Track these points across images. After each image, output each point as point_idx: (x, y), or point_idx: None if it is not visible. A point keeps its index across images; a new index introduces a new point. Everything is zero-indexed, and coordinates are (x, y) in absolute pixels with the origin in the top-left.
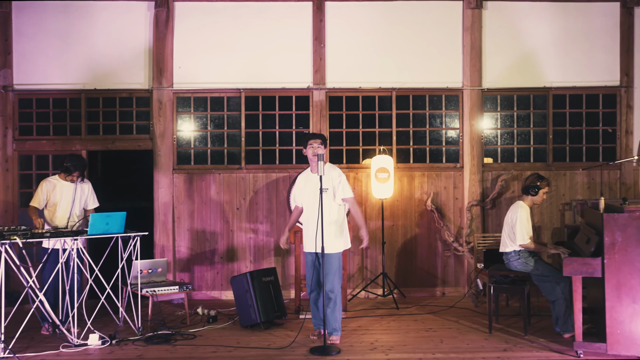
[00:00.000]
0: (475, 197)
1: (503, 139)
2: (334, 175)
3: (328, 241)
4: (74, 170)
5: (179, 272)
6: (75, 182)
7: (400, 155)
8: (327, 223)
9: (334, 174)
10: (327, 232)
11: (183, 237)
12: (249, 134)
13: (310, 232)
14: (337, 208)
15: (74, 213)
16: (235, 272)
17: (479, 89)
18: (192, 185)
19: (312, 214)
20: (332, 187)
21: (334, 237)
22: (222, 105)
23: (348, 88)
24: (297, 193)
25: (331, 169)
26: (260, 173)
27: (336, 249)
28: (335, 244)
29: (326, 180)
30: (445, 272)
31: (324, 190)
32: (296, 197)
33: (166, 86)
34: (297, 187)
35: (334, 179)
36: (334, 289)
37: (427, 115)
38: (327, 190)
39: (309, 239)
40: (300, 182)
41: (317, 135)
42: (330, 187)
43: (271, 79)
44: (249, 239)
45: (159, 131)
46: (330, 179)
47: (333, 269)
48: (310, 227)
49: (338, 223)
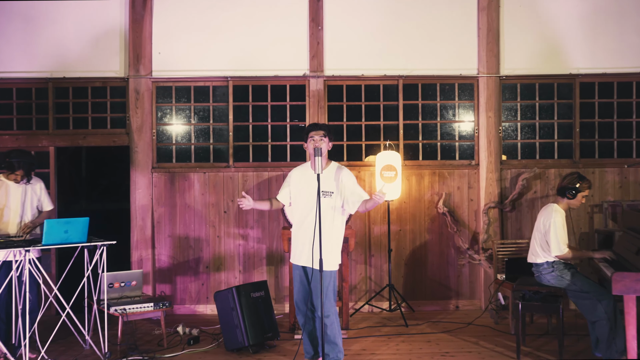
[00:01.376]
0: (493, 199)
1: (523, 132)
2: (343, 177)
3: (326, 256)
4: (17, 167)
5: (160, 283)
6: (20, 182)
7: (408, 152)
8: (328, 235)
9: (344, 176)
10: (326, 245)
11: (164, 244)
12: (238, 127)
13: (305, 242)
14: (341, 219)
15: (25, 218)
16: (222, 284)
17: (496, 77)
18: (174, 186)
19: (308, 221)
20: (341, 193)
21: (332, 252)
22: (207, 95)
23: (349, 76)
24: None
25: (339, 169)
26: (251, 172)
27: (334, 265)
28: (333, 260)
29: (329, 182)
30: (459, 283)
31: (326, 195)
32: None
33: (144, 74)
34: (287, 181)
35: (345, 183)
36: (331, 313)
37: (438, 106)
38: (331, 195)
39: (303, 250)
40: (294, 178)
41: (319, 126)
42: (337, 192)
43: (262, 65)
44: (238, 246)
45: (136, 125)
46: (336, 180)
47: (330, 288)
48: (304, 235)
49: (339, 236)
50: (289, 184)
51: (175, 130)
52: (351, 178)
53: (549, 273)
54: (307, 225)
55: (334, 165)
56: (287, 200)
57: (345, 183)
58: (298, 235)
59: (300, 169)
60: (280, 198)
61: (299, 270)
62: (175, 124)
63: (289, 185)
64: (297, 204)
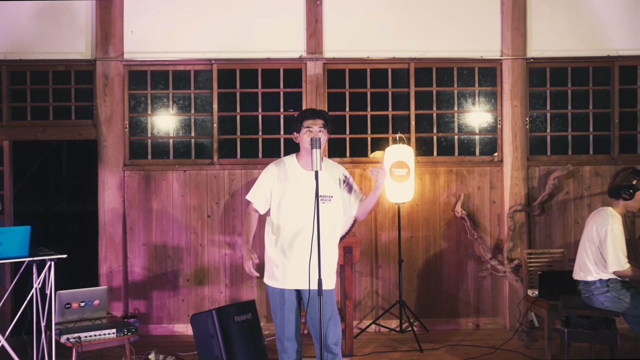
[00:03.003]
0: (519, 200)
1: (554, 124)
2: (343, 176)
3: (326, 273)
4: None
5: (133, 299)
6: None
7: (421, 146)
8: (329, 247)
9: (343, 174)
10: (326, 260)
11: (137, 254)
12: (223, 118)
13: (298, 259)
14: (340, 227)
15: None
16: (206, 299)
17: (522, 59)
18: (150, 186)
19: (304, 234)
20: (341, 194)
21: (332, 268)
22: (188, 81)
23: (352, 58)
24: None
25: (335, 166)
26: (238, 169)
27: (333, 283)
28: (333, 277)
29: (328, 183)
30: (479, 298)
31: (325, 200)
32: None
33: (114, 56)
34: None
35: (344, 182)
36: (339, 340)
37: (456, 93)
38: (331, 200)
39: (297, 269)
40: (277, 174)
41: (318, 113)
42: (338, 196)
43: (252, 46)
44: (224, 255)
45: (105, 115)
46: (335, 180)
47: (335, 310)
48: (298, 251)
49: (337, 248)
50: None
51: (150, 121)
52: (349, 176)
53: (603, 294)
54: (303, 238)
55: (328, 162)
56: (264, 206)
57: (345, 182)
58: (286, 250)
59: (283, 166)
60: (258, 205)
61: (288, 295)
62: (150, 115)
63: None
64: (283, 212)
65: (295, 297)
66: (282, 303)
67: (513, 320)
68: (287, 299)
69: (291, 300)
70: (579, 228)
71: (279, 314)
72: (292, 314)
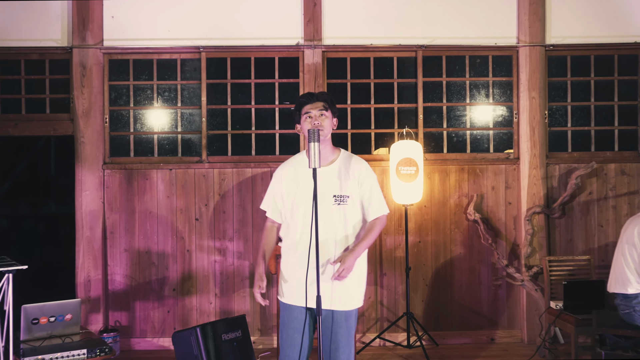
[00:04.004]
0: (538, 202)
1: (575, 117)
2: (362, 172)
3: (345, 289)
4: None
5: (114, 310)
6: None
7: (429, 142)
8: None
9: (362, 170)
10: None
11: (119, 261)
12: (213, 112)
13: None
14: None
15: None
16: (194, 310)
17: (541, 47)
18: (132, 186)
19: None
20: (360, 195)
21: (354, 281)
22: (174, 70)
23: (354, 45)
24: (279, 195)
25: (353, 160)
26: (229, 168)
27: (357, 301)
28: (356, 294)
29: (341, 181)
30: (494, 309)
31: (339, 200)
32: (278, 204)
33: (92, 44)
34: (279, 188)
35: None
36: None
37: (467, 84)
38: (346, 201)
39: (302, 282)
40: (286, 179)
41: (316, 96)
42: (355, 196)
43: (244, 32)
44: (214, 262)
45: (83, 108)
46: (352, 177)
47: (351, 336)
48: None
49: (363, 255)
50: (274, 187)
51: (133, 115)
52: (372, 175)
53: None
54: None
55: (344, 156)
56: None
57: (365, 181)
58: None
59: (293, 164)
60: (271, 214)
61: (297, 313)
62: (133, 108)
63: (275, 189)
64: (294, 218)
65: (307, 316)
66: (289, 322)
67: (531, 334)
68: (295, 318)
69: (299, 319)
70: (603, 232)
71: (283, 333)
72: (297, 335)
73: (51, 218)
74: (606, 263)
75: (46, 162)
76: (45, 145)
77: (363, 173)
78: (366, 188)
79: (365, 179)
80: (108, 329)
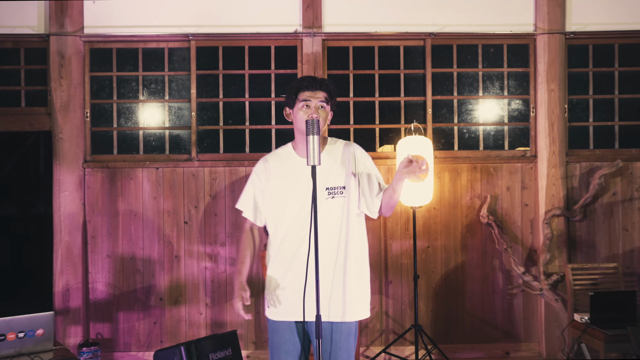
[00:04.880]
0: (557, 203)
1: (598, 112)
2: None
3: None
4: None
5: (95, 322)
6: None
7: (439, 139)
8: (346, 259)
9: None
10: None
11: (100, 268)
12: (204, 105)
13: (297, 279)
14: (359, 228)
15: None
16: (182, 322)
17: (561, 34)
18: (115, 187)
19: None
20: (357, 185)
21: (357, 288)
22: (161, 60)
23: (357, 33)
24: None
25: (345, 146)
26: (221, 166)
27: (362, 312)
28: (359, 302)
29: (335, 170)
30: (509, 320)
31: (333, 192)
32: (259, 203)
33: (72, 31)
34: (255, 180)
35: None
36: None
37: (480, 75)
38: (342, 192)
39: (291, 293)
40: (265, 171)
41: (316, 81)
42: (352, 186)
43: (237, 19)
44: (204, 269)
45: (61, 102)
46: (347, 164)
47: (352, 351)
48: (297, 269)
49: (361, 256)
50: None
51: (116, 109)
52: (368, 157)
53: None
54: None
55: (334, 143)
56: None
57: (362, 166)
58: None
59: (277, 158)
60: (248, 214)
61: (288, 333)
62: (116, 101)
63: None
64: (279, 219)
65: (299, 334)
66: (279, 343)
67: (550, 347)
68: (287, 340)
69: (291, 340)
70: (628, 236)
71: (275, 356)
72: (289, 356)
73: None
74: (632, 270)
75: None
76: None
77: (358, 154)
78: (364, 170)
79: (360, 160)
80: (89, 343)
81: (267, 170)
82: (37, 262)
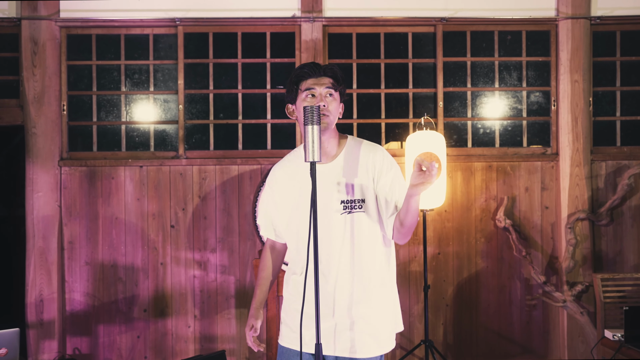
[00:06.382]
0: (581, 206)
1: (625, 105)
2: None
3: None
4: None
5: (72, 335)
6: None
7: (451, 134)
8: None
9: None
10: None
11: (78, 277)
12: (192, 97)
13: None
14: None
15: None
16: (169, 335)
17: (585, 20)
18: (95, 187)
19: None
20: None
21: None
22: (145, 48)
23: (361, 18)
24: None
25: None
26: (212, 165)
27: (386, 344)
28: (383, 334)
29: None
30: (527, 334)
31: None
32: (273, 217)
33: (46, 14)
34: (271, 195)
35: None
36: None
37: (496, 65)
38: (362, 206)
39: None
40: (280, 182)
41: (319, 67)
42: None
43: (229, 2)
44: (192, 278)
45: (34, 93)
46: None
47: None
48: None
49: (387, 282)
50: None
51: (96, 101)
52: (393, 164)
53: None
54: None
55: (356, 144)
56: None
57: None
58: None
59: (289, 163)
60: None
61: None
62: (96, 93)
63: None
64: (293, 235)
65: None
66: None
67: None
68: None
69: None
70: None
71: None
72: None
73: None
74: None
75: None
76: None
77: (378, 162)
78: (385, 183)
79: (382, 170)
80: (65, 359)
81: (277, 179)
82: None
